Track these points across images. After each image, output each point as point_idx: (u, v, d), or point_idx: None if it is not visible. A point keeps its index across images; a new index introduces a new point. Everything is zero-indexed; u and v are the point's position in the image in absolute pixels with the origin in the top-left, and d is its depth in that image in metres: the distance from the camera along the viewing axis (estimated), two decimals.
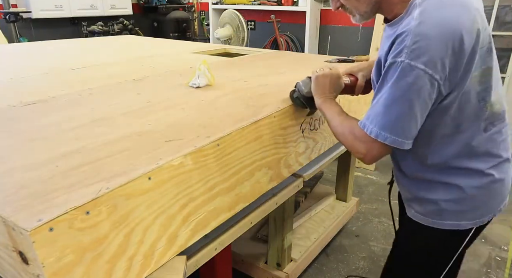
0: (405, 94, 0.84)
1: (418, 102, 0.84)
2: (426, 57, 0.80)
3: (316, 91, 1.16)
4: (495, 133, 0.95)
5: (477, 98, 0.90)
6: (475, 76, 0.87)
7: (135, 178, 0.77)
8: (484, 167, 0.96)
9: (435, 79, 0.82)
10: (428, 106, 0.86)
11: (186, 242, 0.92)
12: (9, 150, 0.92)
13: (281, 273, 1.69)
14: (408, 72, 0.82)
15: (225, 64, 2.04)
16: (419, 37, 0.80)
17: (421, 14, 0.83)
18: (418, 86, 0.82)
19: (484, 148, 0.95)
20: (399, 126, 0.87)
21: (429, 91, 0.83)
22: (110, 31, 5.08)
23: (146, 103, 1.28)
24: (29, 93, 1.42)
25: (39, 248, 0.61)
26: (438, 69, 0.81)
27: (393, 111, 0.86)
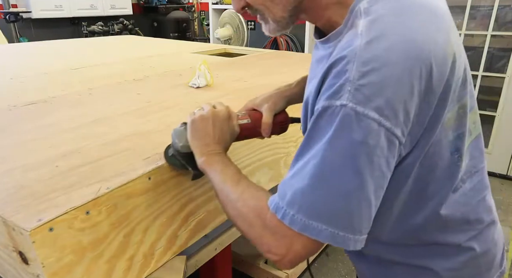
0: (349, 161, 0.52)
1: (371, 173, 0.52)
2: (382, 100, 0.50)
3: (194, 143, 0.77)
4: (468, 192, 0.67)
5: (449, 150, 0.62)
6: (448, 119, 0.59)
7: (135, 178, 0.77)
8: (461, 239, 0.68)
9: (394, 136, 0.52)
10: (386, 177, 0.54)
11: (186, 242, 0.92)
12: (9, 150, 0.92)
13: (281, 273, 1.69)
14: (354, 125, 0.50)
15: (225, 64, 2.04)
16: (369, 66, 0.50)
17: (371, 28, 0.53)
18: (370, 148, 0.51)
19: (458, 214, 0.67)
20: (341, 214, 0.53)
21: (387, 154, 0.52)
22: (110, 31, 5.08)
23: (146, 103, 1.28)
24: (29, 93, 1.42)
25: (39, 248, 0.61)
26: (399, 118, 0.51)
27: (331, 189, 0.53)
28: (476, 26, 3.05)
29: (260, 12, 0.66)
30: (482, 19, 3.01)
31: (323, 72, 0.56)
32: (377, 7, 0.55)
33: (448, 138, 0.61)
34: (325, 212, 0.54)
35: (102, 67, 1.95)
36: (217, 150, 0.76)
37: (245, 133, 0.85)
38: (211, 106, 0.79)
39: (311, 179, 0.54)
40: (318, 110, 0.54)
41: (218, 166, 0.72)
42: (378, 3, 0.55)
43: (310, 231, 0.54)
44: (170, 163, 0.82)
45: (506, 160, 3.09)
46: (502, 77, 2.96)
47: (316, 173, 0.54)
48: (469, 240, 0.69)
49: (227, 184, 0.68)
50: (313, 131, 0.55)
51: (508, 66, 2.91)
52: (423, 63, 0.51)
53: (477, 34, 3.06)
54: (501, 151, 3.09)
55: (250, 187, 0.67)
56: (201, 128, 0.77)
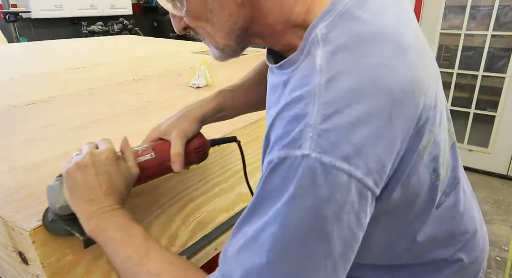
0: (314, 226, 0.42)
1: (339, 235, 0.43)
2: (349, 146, 0.42)
3: (74, 203, 0.58)
4: (453, 205, 0.63)
5: (428, 174, 0.55)
6: (423, 147, 0.52)
7: None
8: (447, 254, 0.65)
9: (366, 187, 0.43)
10: (356, 237, 0.46)
11: (186, 242, 0.92)
12: (9, 150, 0.92)
13: None
14: (319, 180, 0.41)
15: (225, 64, 2.04)
16: (332, 107, 0.43)
17: (330, 62, 0.45)
18: (338, 205, 0.42)
19: (442, 231, 0.62)
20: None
21: (358, 210, 0.44)
22: (110, 31, 5.08)
23: (146, 103, 1.28)
24: (29, 93, 1.42)
25: (39, 248, 0.61)
26: (370, 167, 0.43)
27: (295, 263, 0.43)
28: (476, 26, 3.05)
29: (201, 36, 0.58)
30: (482, 19, 3.01)
31: (279, 109, 0.46)
32: (335, 34, 0.46)
33: (426, 163, 0.54)
34: None
35: (102, 67, 1.95)
36: (108, 204, 0.57)
37: (150, 172, 0.67)
38: (90, 148, 0.61)
39: (269, 252, 0.43)
40: (272, 162, 0.44)
41: (115, 232, 0.54)
42: (336, 28, 0.47)
43: None
44: (51, 230, 0.61)
45: (506, 160, 3.09)
46: (502, 77, 2.96)
47: (275, 245, 0.43)
48: (456, 252, 0.65)
49: (132, 260, 0.52)
50: (266, 190, 0.46)
51: (508, 66, 2.91)
52: (391, 102, 0.44)
53: (477, 34, 3.06)
54: (501, 151, 3.09)
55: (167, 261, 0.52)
56: (80, 182, 0.57)
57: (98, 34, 4.92)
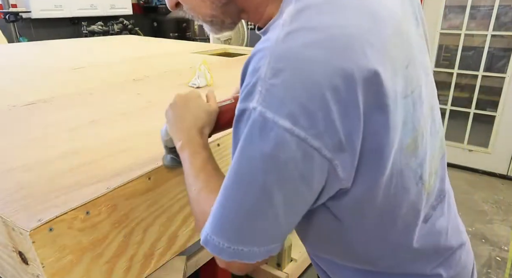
0: (257, 177, 0.45)
1: (281, 192, 0.45)
2: (295, 104, 0.41)
3: (171, 132, 0.72)
4: (440, 218, 0.62)
5: (414, 180, 0.54)
6: (407, 146, 0.51)
7: (135, 178, 0.77)
8: (427, 269, 0.62)
9: (312, 147, 0.43)
10: (301, 195, 0.47)
11: (186, 242, 0.92)
12: (9, 150, 0.92)
13: (281, 273, 1.69)
14: (263, 134, 0.43)
15: (225, 64, 2.04)
16: (282, 62, 0.42)
17: (294, 18, 0.45)
18: (281, 162, 0.43)
19: (430, 245, 0.61)
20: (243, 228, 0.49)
21: (302, 169, 0.44)
22: (110, 31, 5.08)
23: (146, 103, 1.28)
24: (29, 93, 1.41)
25: (39, 248, 0.61)
26: (318, 127, 0.42)
27: (236, 202, 0.48)
28: (476, 26, 3.05)
29: (189, 12, 0.60)
30: (482, 19, 3.01)
31: (242, 68, 0.48)
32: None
33: (411, 167, 0.53)
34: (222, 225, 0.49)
35: (102, 67, 1.95)
36: (192, 133, 0.68)
37: (230, 115, 0.72)
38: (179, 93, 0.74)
39: (222, 189, 0.49)
40: (236, 112, 0.47)
41: (187, 153, 0.66)
42: None
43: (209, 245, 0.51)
44: (166, 164, 0.80)
45: (506, 160, 3.09)
46: (502, 77, 2.96)
47: (226, 184, 0.49)
48: (436, 267, 0.62)
49: (189, 177, 0.64)
50: (234, 136, 0.49)
51: (508, 66, 2.91)
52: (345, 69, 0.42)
53: (477, 34, 3.06)
54: (501, 151, 3.09)
55: (208, 186, 0.60)
56: (172, 116, 0.72)
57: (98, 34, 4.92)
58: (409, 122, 0.51)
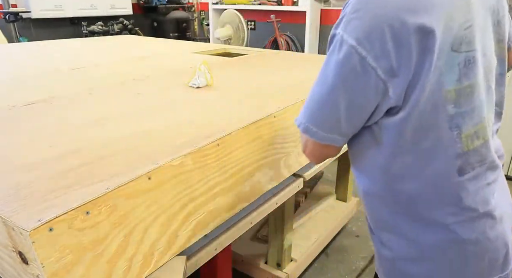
0: (330, 74, 0.65)
1: (343, 89, 0.63)
2: (361, 32, 0.60)
3: None
4: (473, 179, 0.70)
5: (448, 124, 0.65)
6: (448, 91, 0.63)
7: (135, 178, 0.77)
8: (449, 221, 0.70)
9: (369, 65, 0.60)
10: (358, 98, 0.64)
11: (186, 242, 0.92)
12: (9, 150, 0.92)
13: (281, 273, 1.69)
14: (339, 48, 0.63)
15: (225, 64, 2.04)
16: (360, 5, 0.61)
17: None
18: (346, 69, 0.62)
19: (455, 195, 0.69)
20: (315, 112, 0.68)
21: (361, 81, 0.62)
22: (110, 31, 5.08)
23: (146, 103, 1.28)
24: (29, 93, 1.41)
25: (38, 248, 0.61)
26: (376, 53, 0.60)
27: (315, 92, 0.68)
28: None
29: None
30: None
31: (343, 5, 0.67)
32: None
33: (448, 111, 0.65)
34: (308, 110, 0.70)
35: (102, 67, 1.95)
36: None
37: None
38: None
39: (312, 88, 0.70)
40: (329, 37, 0.67)
41: None
42: None
43: (297, 122, 0.71)
44: None
45: (506, 160, 3.09)
46: None
47: (314, 84, 0.69)
48: (455, 223, 0.70)
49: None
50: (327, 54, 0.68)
51: None
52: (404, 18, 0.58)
53: None
54: None
55: None
56: None
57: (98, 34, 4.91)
58: (455, 74, 0.64)
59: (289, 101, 1.28)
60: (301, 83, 1.58)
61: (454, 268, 0.73)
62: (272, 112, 1.18)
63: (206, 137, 0.96)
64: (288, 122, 1.26)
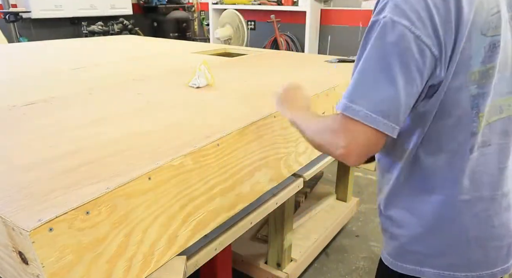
0: (383, 57, 0.64)
1: (400, 70, 0.63)
2: (413, 14, 0.62)
3: (283, 106, 0.98)
4: (483, 158, 0.73)
5: (470, 103, 0.69)
6: (473, 73, 0.68)
7: (135, 178, 0.77)
8: (457, 199, 0.73)
9: (424, 44, 0.63)
10: (415, 79, 0.64)
11: (186, 242, 0.92)
12: (9, 150, 0.92)
13: (281, 273, 1.69)
14: (390, 30, 0.63)
15: (225, 64, 2.04)
16: None
17: None
18: (401, 48, 0.63)
19: (464, 174, 0.72)
20: (372, 98, 0.64)
21: (417, 58, 0.63)
22: (110, 31, 5.08)
23: (146, 103, 1.28)
24: (29, 93, 1.42)
25: (38, 248, 0.61)
26: (428, 30, 0.63)
27: (367, 77, 0.65)
28: None
29: None
30: None
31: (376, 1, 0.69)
32: None
33: (471, 92, 0.69)
34: (361, 95, 0.65)
35: (102, 67, 1.95)
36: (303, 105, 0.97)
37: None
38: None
39: (357, 74, 0.66)
40: (369, 25, 0.67)
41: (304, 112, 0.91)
42: None
43: (349, 110, 0.65)
44: None
45: None
46: None
47: (360, 68, 0.66)
48: (461, 202, 0.73)
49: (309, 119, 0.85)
50: (364, 43, 0.68)
51: None
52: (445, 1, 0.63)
53: None
54: None
55: (326, 116, 0.81)
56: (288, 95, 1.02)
57: (98, 34, 4.91)
58: (480, 56, 0.68)
59: None
60: (301, 83, 1.58)
61: (459, 250, 0.75)
62: (272, 112, 1.18)
63: (206, 137, 0.96)
64: (288, 122, 1.26)
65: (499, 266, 0.75)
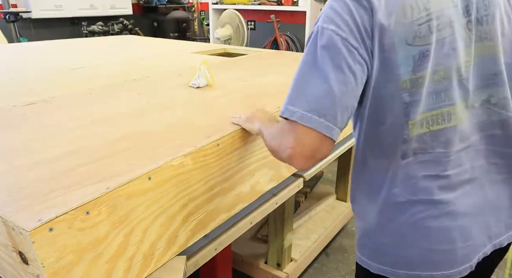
0: (315, 59, 0.68)
1: (332, 69, 0.66)
2: (338, 19, 0.67)
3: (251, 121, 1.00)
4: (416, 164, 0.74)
5: (403, 111, 0.71)
6: (404, 81, 0.69)
7: (135, 178, 0.77)
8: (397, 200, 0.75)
9: (352, 46, 0.66)
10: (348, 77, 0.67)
11: (186, 242, 0.92)
12: (9, 149, 0.92)
13: (281, 273, 1.69)
14: (320, 35, 0.68)
15: (225, 64, 2.04)
16: (334, 1, 0.70)
17: None
18: (330, 50, 0.67)
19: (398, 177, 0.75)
20: (307, 98, 0.67)
21: (347, 58, 0.66)
22: (110, 31, 5.08)
23: (146, 103, 1.28)
24: (29, 93, 1.42)
25: (39, 248, 0.61)
26: (353, 33, 0.67)
27: (302, 80, 0.69)
28: None
29: None
30: None
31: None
32: None
33: (404, 99, 0.71)
34: (296, 97, 0.69)
35: (102, 67, 1.95)
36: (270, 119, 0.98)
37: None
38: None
39: (294, 80, 0.71)
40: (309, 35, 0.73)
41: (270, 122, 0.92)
42: None
43: (286, 112, 0.68)
44: None
45: None
46: None
47: (297, 74, 0.71)
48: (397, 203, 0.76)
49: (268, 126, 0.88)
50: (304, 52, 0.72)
51: None
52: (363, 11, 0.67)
53: None
54: None
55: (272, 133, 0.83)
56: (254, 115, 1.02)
57: (98, 34, 4.91)
58: (410, 65, 0.69)
59: None
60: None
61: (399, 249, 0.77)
62: (272, 112, 1.18)
63: (206, 137, 0.96)
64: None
65: (439, 270, 0.75)
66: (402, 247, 0.76)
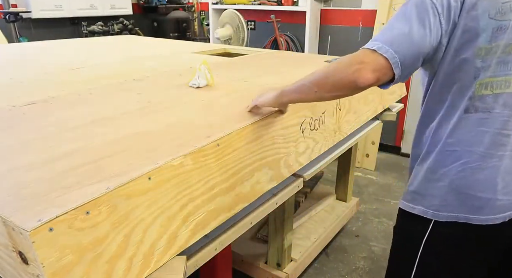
0: (405, 12, 0.83)
1: (416, 19, 0.81)
2: None
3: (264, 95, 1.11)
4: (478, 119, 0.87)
5: (473, 74, 0.85)
6: (479, 49, 0.83)
7: (135, 178, 0.77)
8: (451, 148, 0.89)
9: (437, 10, 0.81)
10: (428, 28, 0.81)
11: (186, 242, 0.92)
12: (9, 150, 0.92)
13: (281, 273, 1.69)
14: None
15: (225, 64, 2.04)
16: None
17: None
18: (419, 8, 0.81)
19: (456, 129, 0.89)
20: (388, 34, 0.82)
21: (430, 17, 0.81)
22: (110, 31, 5.08)
23: (146, 103, 1.28)
24: (29, 93, 1.42)
25: (39, 248, 0.61)
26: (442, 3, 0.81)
27: (390, 25, 0.84)
28: None
29: None
30: None
31: None
32: None
33: (476, 64, 0.84)
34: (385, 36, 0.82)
35: (102, 67, 1.95)
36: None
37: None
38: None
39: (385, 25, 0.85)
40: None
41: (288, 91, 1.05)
42: None
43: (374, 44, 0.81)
44: None
45: None
46: None
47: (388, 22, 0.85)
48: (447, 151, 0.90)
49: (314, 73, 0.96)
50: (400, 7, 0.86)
51: None
52: None
53: None
54: None
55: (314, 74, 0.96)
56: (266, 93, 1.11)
57: (98, 34, 4.91)
58: (488, 36, 0.82)
59: None
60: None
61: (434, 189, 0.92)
62: (272, 112, 1.18)
63: (206, 137, 0.96)
64: (288, 122, 1.26)
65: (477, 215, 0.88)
66: (447, 191, 0.90)
